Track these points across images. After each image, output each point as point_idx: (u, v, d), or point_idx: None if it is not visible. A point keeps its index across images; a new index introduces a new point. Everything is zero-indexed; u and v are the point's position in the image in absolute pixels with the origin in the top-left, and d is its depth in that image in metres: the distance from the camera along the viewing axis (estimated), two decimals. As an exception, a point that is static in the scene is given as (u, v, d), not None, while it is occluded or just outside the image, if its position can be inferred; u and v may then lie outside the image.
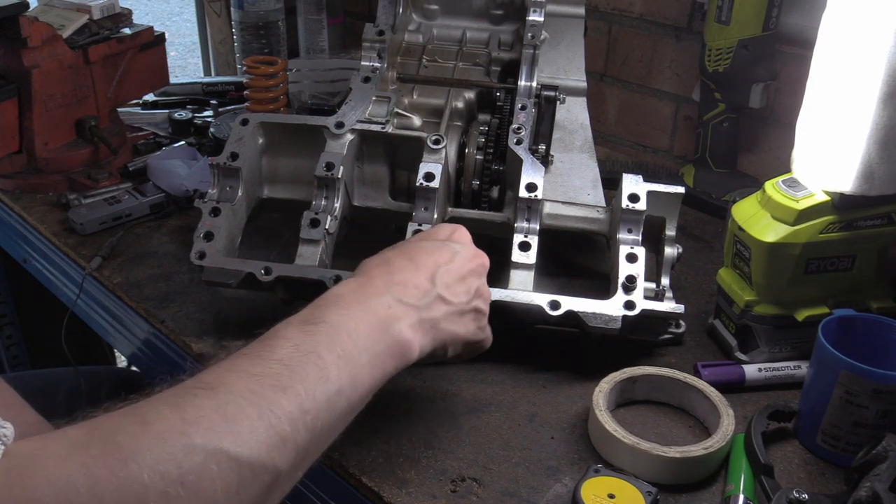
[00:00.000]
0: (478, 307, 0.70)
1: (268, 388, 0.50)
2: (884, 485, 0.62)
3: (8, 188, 1.20)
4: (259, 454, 0.47)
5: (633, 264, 0.84)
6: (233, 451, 0.46)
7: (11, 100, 1.16)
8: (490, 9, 1.11)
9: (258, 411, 0.48)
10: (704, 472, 0.72)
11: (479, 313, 0.70)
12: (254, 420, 0.48)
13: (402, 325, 0.62)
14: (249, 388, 0.49)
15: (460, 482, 0.71)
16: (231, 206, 0.90)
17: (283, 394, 0.51)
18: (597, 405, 0.75)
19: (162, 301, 0.95)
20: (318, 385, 0.53)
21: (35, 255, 1.18)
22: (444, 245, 0.70)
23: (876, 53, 0.73)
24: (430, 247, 0.70)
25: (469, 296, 0.69)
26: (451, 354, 0.69)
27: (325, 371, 0.54)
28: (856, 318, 0.77)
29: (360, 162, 0.97)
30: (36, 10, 1.22)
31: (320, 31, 1.58)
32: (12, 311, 1.56)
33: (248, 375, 0.51)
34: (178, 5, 6.05)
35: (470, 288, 0.69)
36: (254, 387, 0.50)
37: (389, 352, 0.60)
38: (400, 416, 0.79)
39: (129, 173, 1.24)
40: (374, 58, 1.01)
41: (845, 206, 0.79)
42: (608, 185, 1.02)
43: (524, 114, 0.95)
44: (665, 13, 1.29)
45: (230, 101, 1.48)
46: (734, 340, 0.86)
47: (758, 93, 1.14)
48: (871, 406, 0.70)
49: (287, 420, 0.50)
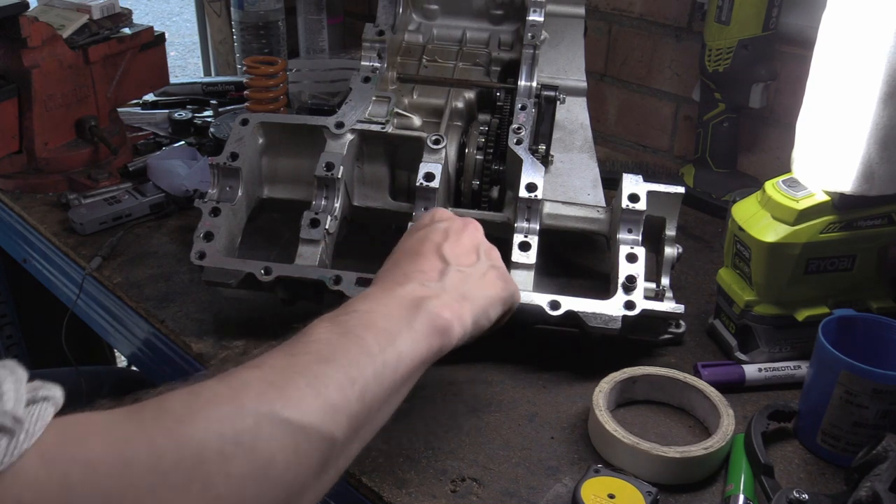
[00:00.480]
0: (494, 264, 0.71)
1: (311, 363, 0.51)
2: (884, 485, 0.62)
3: (8, 188, 1.20)
4: (311, 419, 0.47)
5: (633, 264, 0.84)
6: (284, 415, 0.46)
7: (11, 100, 1.16)
8: (490, 9, 1.11)
9: (305, 380, 0.49)
10: (704, 472, 0.72)
11: (497, 269, 0.71)
12: (302, 387, 0.48)
13: (433, 304, 0.62)
14: (292, 364, 0.50)
15: (460, 482, 0.71)
16: (231, 206, 0.90)
17: (328, 365, 0.51)
18: (597, 405, 0.75)
19: (162, 301, 0.95)
20: (362, 358, 0.53)
21: (35, 255, 1.18)
22: (432, 228, 0.71)
23: (876, 53, 0.73)
24: (422, 235, 0.71)
25: (479, 257, 0.70)
26: (494, 317, 0.69)
27: (366, 346, 0.55)
28: (856, 318, 0.77)
29: (360, 162, 0.97)
30: (36, 10, 1.21)
31: (320, 31, 1.58)
32: (12, 311, 1.56)
33: (289, 355, 0.51)
34: (178, 5, 6.05)
35: (477, 250, 0.70)
36: (296, 361, 0.50)
37: (428, 330, 0.60)
38: (400, 416, 0.78)
39: (129, 173, 1.24)
40: (374, 58, 1.01)
41: (845, 206, 0.79)
42: (608, 185, 1.02)
43: (524, 114, 0.95)
44: (665, 13, 1.29)
45: (230, 101, 1.48)
46: (734, 340, 0.86)
47: (758, 93, 1.14)
48: (871, 406, 0.70)
49: (336, 388, 0.50)
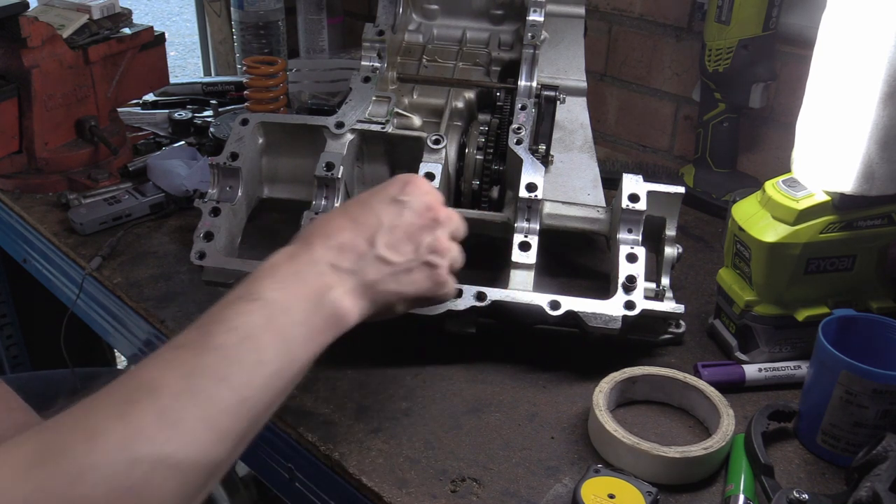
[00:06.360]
0: (430, 261, 0.68)
1: (208, 382, 0.52)
2: (884, 485, 0.62)
3: (8, 188, 1.20)
4: (200, 454, 0.50)
5: (633, 264, 0.84)
6: (178, 457, 0.48)
7: (11, 100, 1.16)
8: (490, 9, 1.11)
9: (199, 411, 0.50)
10: (704, 472, 0.72)
11: (432, 268, 0.68)
12: (195, 422, 0.50)
13: (337, 293, 0.61)
14: (189, 387, 0.51)
15: (460, 482, 0.71)
16: (231, 206, 0.90)
17: (223, 384, 0.52)
18: (597, 405, 0.75)
19: (162, 301, 0.95)
20: (256, 370, 0.55)
21: (35, 255, 1.18)
22: (391, 202, 0.68)
23: (876, 53, 0.73)
24: (377, 205, 0.68)
25: (417, 252, 0.67)
26: (403, 311, 0.69)
27: (262, 354, 0.55)
28: (856, 318, 0.77)
29: (360, 162, 0.97)
30: (36, 10, 1.21)
31: (320, 31, 1.59)
32: (12, 311, 1.56)
33: (189, 373, 0.52)
34: (178, 5, 6.05)
35: (419, 244, 0.67)
36: (193, 383, 0.51)
37: (325, 323, 0.60)
38: (400, 416, 0.79)
39: (129, 173, 1.24)
40: (374, 58, 1.01)
41: (845, 206, 0.79)
42: (608, 185, 1.02)
43: (524, 114, 0.95)
44: (665, 13, 1.29)
45: (230, 101, 1.48)
46: (734, 340, 0.86)
47: (758, 93, 1.14)
48: (871, 406, 0.70)
49: (227, 413, 0.52)
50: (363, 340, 0.67)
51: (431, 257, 0.68)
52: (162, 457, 0.48)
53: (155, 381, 0.51)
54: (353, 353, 0.84)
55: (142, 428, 0.48)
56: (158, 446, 0.48)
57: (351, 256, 0.64)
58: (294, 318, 0.58)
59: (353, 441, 0.75)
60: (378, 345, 0.87)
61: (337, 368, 0.83)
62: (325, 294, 0.61)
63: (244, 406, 0.53)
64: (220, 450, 0.51)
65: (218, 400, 0.52)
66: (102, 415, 0.48)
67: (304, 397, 0.80)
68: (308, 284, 0.61)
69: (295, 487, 0.81)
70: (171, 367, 0.53)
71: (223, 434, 0.51)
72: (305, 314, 0.59)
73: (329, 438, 0.75)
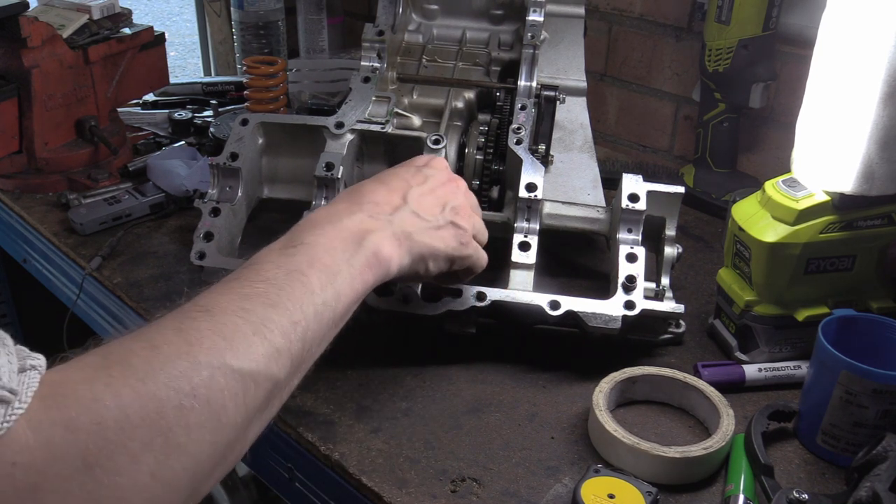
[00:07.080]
0: (455, 222, 0.72)
1: (259, 306, 0.54)
2: (884, 485, 0.62)
3: (8, 188, 1.20)
4: (258, 365, 0.51)
5: (633, 264, 0.84)
6: (235, 365, 0.50)
7: (11, 100, 1.16)
8: (490, 9, 1.11)
9: (252, 328, 0.52)
10: (704, 472, 0.72)
11: (457, 228, 0.73)
12: (249, 336, 0.52)
13: (376, 237, 0.65)
14: (242, 308, 0.53)
15: (460, 482, 0.71)
16: (231, 206, 0.90)
17: (274, 309, 0.55)
18: (597, 405, 0.75)
19: (162, 301, 0.95)
20: (305, 298, 0.57)
21: (35, 255, 1.18)
22: (418, 171, 0.75)
23: (876, 53, 0.73)
24: (403, 172, 0.74)
25: (443, 211, 0.72)
26: (435, 270, 0.72)
27: (310, 286, 0.58)
28: (856, 318, 0.77)
29: (360, 162, 0.97)
30: (36, 10, 1.21)
31: (320, 31, 1.58)
32: (12, 311, 1.56)
33: (240, 296, 0.55)
34: (178, 5, 6.04)
35: (444, 204, 0.72)
36: (245, 305, 0.54)
37: (367, 264, 0.63)
38: (400, 416, 0.79)
39: (129, 173, 1.24)
40: (374, 58, 1.01)
41: (845, 206, 0.79)
42: (608, 185, 1.02)
43: (524, 114, 0.95)
44: (665, 13, 1.29)
45: (230, 101, 1.48)
46: (734, 340, 0.86)
47: (758, 93, 1.14)
48: (871, 406, 0.70)
49: (280, 333, 0.54)
50: (363, 340, 0.67)
51: (456, 218, 0.72)
52: (221, 363, 0.49)
53: (209, 304, 0.54)
54: (353, 353, 0.84)
55: (200, 339, 0.50)
56: (217, 354, 0.50)
57: (386, 209, 0.68)
58: (337, 257, 0.61)
59: (353, 441, 0.75)
60: (378, 345, 0.87)
61: (337, 368, 0.83)
62: (365, 237, 0.64)
63: (296, 329, 0.55)
64: (276, 366, 0.53)
65: (269, 321, 0.53)
66: (161, 331, 0.51)
67: (304, 397, 0.80)
68: (348, 229, 0.64)
69: (295, 487, 0.81)
70: (223, 294, 0.55)
71: (278, 351, 0.53)
72: (348, 254, 0.62)
73: (329, 438, 0.75)
